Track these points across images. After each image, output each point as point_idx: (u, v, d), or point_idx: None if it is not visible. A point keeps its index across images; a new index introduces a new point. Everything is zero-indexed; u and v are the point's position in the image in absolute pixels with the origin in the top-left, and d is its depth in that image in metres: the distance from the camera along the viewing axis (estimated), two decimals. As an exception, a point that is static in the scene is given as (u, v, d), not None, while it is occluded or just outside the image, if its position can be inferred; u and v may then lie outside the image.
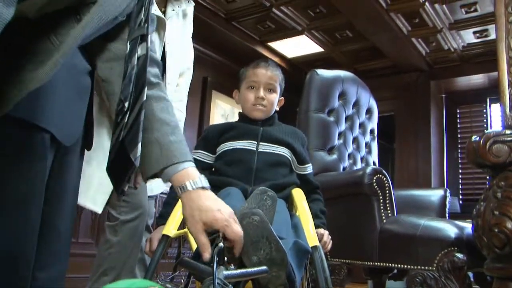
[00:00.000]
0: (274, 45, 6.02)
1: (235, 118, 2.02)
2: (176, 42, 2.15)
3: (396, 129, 6.49)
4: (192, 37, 2.34)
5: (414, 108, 6.32)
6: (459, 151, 6.28)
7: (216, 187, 1.71)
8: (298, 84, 5.74)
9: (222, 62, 6.08)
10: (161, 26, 2.04)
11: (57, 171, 1.39)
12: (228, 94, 6.09)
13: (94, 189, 1.91)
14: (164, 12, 2.12)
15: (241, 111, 1.96)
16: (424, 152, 6.13)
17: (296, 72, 6.51)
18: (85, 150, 1.56)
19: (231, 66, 6.12)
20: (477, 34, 5.46)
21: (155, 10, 2.00)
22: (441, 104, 6.49)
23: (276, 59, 6.21)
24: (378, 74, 6.42)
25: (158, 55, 2.01)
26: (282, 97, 1.97)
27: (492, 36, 5.39)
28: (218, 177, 1.74)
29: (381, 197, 2.15)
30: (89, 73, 1.48)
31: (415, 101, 6.33)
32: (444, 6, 4.89)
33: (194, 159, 1.81)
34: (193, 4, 2.28)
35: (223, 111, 6.16)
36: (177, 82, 2.22)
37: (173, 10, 2.15)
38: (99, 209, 1.92)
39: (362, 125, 2.80)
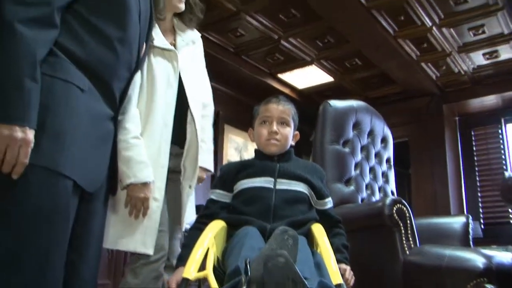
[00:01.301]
0: (284, 76, 6.05)
1: (249, 151, 2.03)
2: (190, 69, 2.19)
3: (411, 154, 6.42)
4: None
5: (427, 132, 6.27)
6: (477, 173, 6.19)
7: (234, 226, 1.69)
8: (310, 115, 5.75)
9: (233, 96, 6.10)
10: (173, 57, 2.09)
11: (83, 218, 1.38)
12: (241, 127, 6.12)
13: (140, 232, 1.91)
14: (174, 45, 2.16)
15: (256, 147, 1.94)
16: (441, 177, 6.04)
17: (307, 102, 6.50)
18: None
19: (242, 100, 6.15)
20: (487, 56, 5.44)
21: (164, 44, 2.07)
22: (455, 127, 6.43)
23: (286, 91, 6.23)
24: (389, 100, 6.40)
25: (174, 85, 2.08)
26: (297, 132, 1.95)
27: (502, 56, 5.38)
28: (236, 216, 1.72)
29: (402, 228, 2.10)
30: (112, 118, 1.48)
31: (428, 125, 6.29)
32: (451, 29, 4.88)
33: (211, 199, 1.81)
34: (198, 33, 2.33)
35: (236, 144, 6.15)
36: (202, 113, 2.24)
37: (183, 40, 2.20)
38: (151, 251, 1.90)
39: (378, 155, 2.76)
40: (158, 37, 2.09)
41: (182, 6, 2.16)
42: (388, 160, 2.85)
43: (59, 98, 1.24)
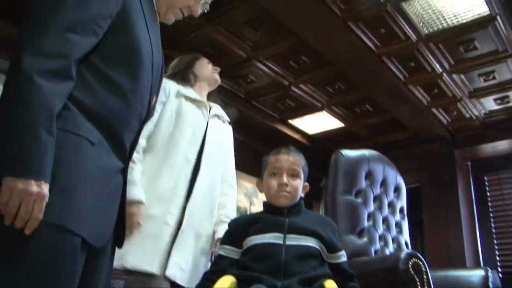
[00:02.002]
0: (295, 122, 6.05)
1: (258, 197, 2.02)
2: (216, 135, 2.38)
3: (423, 200, 6.31)
4: None
5: (439, 178, 6.18)
6: (492, 220, 6.05)
7: (244, 283, 1.63)
8: (321, 160, 5.73)
9: (243, 141, 6.08)
10: (203, 106, 2.35)
11: (89, 274, 1.35)
12: (251, 173, 6.08)
13: (148, 252, 2.01)
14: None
15: (265, 200, 1.90)
16: (455, 223, 5.91)
17: (318, 148, 6.49)
18: None
19: (252, 145, 6.13)
20: (498, 101, 5.41)
21: (196, 96, 2.34)
22: (468, 173, 6.33)
23: (297, 136, 6.22)
24: (400, 146, 6.34)
25: (202, 128, 2.25)
26: (307, 183, 1.92)
27: (514, 102, 5.36)
28: (246, 273, 1.66)
29: (418, 283, 2.02)
30: (121, 170, 1.46)
31: (440, 171, 6.21)
32: (462, 75, 4.88)
33: (220, 255, 1.77)
34: (230, 127, 2.59)
35: (246, 190, 6.10)
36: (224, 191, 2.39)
37: (214, 112, 2.43)
38: (156, 271, 1.99)
39: (391, 204, 2.71)
40: (189, 91, 2.22)
41: (218, 78, 2.35)
42: (401, 210, 2.79)
43: (69, 152, 1.22)
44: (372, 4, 3.72)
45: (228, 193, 2.40)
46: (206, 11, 1.75)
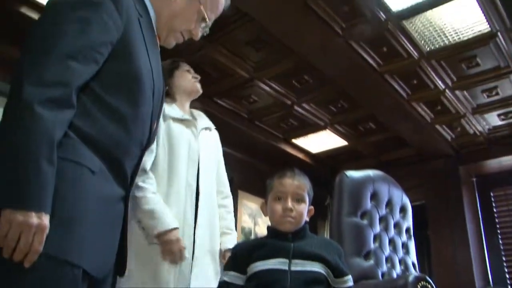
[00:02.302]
0: (298, 141, 6.04)
1: (262, 217, 1.99)
2: (207, 149, 2.33)
3: (429, 218, 6.26)
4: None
5: (445, 194, 6.15)
6: (499, 236, 5.99)
7: (249, 310, 1.61)
8: (325, 179, 5.71)
9: (247, 161, 6.08)
10: (192, 124, 2.30)
11: None
12: (255, 193, 6.06)
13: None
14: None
15: (269, 224, 1.88)
16: (462, 241, 5.85)
17: (321, 166, 6.48)
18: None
19: (256, 165, 6.12)
20: (502, 117, 5.40)
21: (182, 115, 2.29)
22: (473, 189, 6.29)
23: (300, 155, 6.21)
24: (404, 163, 6.33)
25: (195, 147, 2.23)
26: (312, 207, 1.89)
27: (518, 117, 5.34)
28: (252, 299, 1.63)
29: (427, 307, 1.99)
30: (123, 198, 1.44)
31: (445, 187, 6.17)
32: (465, 92, 4.88)
33: (224, 281, 1.74)
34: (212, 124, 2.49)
35: (250, 210, 6.07)
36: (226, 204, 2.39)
37: (203, 125, 2.39)
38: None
39: (397, 225, 2.67)
40: (175, 110, 2.18)
41: (199, 88, 2.33)
42: (407, 230, 2.75)
43: (69, 182, 1.19)
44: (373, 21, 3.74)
45: (225, 204, 2.39)
46: (205, 34, 1.75)
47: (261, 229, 6.11)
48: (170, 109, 2.25)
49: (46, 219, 1.09)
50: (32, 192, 1.07)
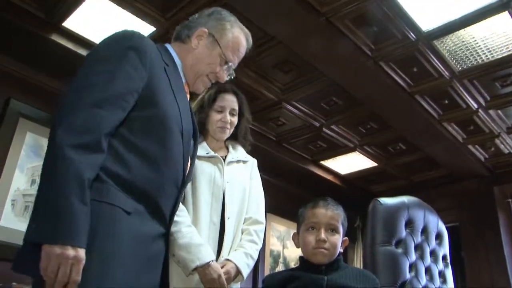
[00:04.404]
0: (327, 163, 5.97)
1: (291, 241, 1.94)
2: (236, 183, 2.25)
3: (463, 240, 6.07)
4: None
5: (479, 216, 5.96)
6: (538, 260, 5.77)
7: None
8: (354, 200, 5.61)
9: (275, 184, 6.02)
10: (218, 161, 2.24)
11: None
12: (283, 215, 5.99)
13: None
14: (224, 159, 2.29)
15: (301, 255, 1.82)
16: (498, 264, 5.65)
17: (350, 188, 6.38)
18: None
19: (284, 188, 6.06)
20: (538, 136, 5.24)
21: (207, 153, 2.25)
22: (509, 210, 6.09)
23: (329, 177, 6.13)
24: (436, 184, 6.19)
25: (220, 184, 2.19)
26: (346, 238, 1.82)
27: (554, 136, 5.18)
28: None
29: None
30: (162, 236, 1.50)
31: (479, 209, 5.99)
32: (499, 111, 4.75)
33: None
34: (252, 158, 2.47)
35: (278, 233, 6.00)
36: (249, 228, 2.24)
37: (232, 158, 2.33)
38: None
39: (433, 253, 2.56)
40: (201, 149, 2.17)
41: (220, 137, 2.33)
42: (444, 258, 2.64)
43: (105, 222, 1.28)
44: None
45: (248, 230, 2.23)
46: (232, 77, 1.85)
47: (290, 252, 6.02)
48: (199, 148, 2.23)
49: (81, 252, 1.18)
50: (67, 228, 1.17)
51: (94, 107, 1.30)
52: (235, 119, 2.37)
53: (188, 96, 1.73)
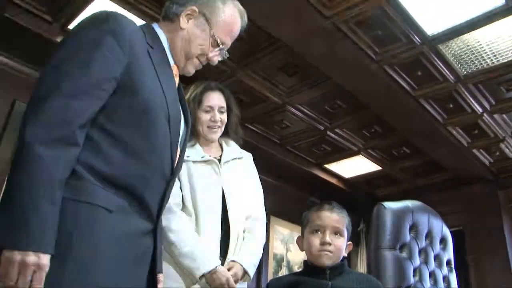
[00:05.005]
0: (331, 166, 5.96)
1: (294, 243, 1.92)
2: (233, 183, 2.22)
3: (467, 244, 6.04)
4: None
5: (483, 221, 5.94)
6: (543, 264, 5.74)
7: None
8: (357, 204, 5.60)
9: (279, 186, 6.02)
10: (213, 164, 2.19)
11: None
12: (287, 219, 5.99)
13: None
14: (219, 160, 2.24)
15: (305, 259, 1.81)
16: (504, 269, 5.63)
17: (354, 191, 6.38)
18: None
19: (288, 191, 6.06)
20: (544, 140, 5.22)
21: (202, 157, 2.19)
22: (514, 215, 6.08)
23: (333, 180, 6.12)
24: (440, 188, 6.17)
25: (218, 186, 2.14)
26: (350, 242, 1.82)
27: (560, 141, 5.16)
28: None
29: None
30: (150, 232, 1.41)
31: (484, 213, 5.97)
32: (504, 115, 4.74)
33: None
34: (249, 155, 2.41)
35: (282, 236, 5.99)
36: (251, 226, 2.21)
37: (227, 157, 2.27)
38: None
39: (437, 257, 2.55)
40: (195, 152, 2.14)
41: (212, 138, 2.26)
42: (448, 262, 2.63)
43: (83, 224, 1.19)
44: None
45: (250, 228, 2.21)
46: (225, 58, 1.71)
47: (293, 256, 6.01)
48: (191, 151, 2.19)
49: (45, 258, 1.10)
50: (30, 232, 1.08)
51: (66, 97, 1.20)
52: (224, 117, 2.29)
53: (177, 79, 1.61)
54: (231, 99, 2.37)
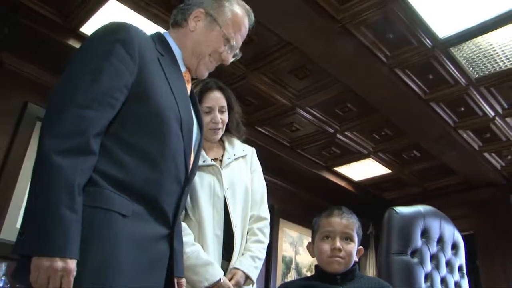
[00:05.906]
0: (340, 169, 5.94)
1: (303, 246, 1.90)
2: (237, 184, 2.19)
3: (478, 249, 6.00)
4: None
5: (495, 225, 5.89)
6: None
7: None
8: (367, 207, 5.57)
9: (288, 189, 6.01)
10: (216, 171, 2.16)
11: None
12: (296, 221, 5.98)
13: None
14: (221, 161, 2.22)
15: (317, 264, 1.80)
16: (515, 274, 5.59)
17: (364, 194, 6.35)
18: None
19: (298, 193, 6.05)
20: (556, 144, 5.16)
21: (204, 162, 2.15)
22: (525, 219, 6.02)
23: (342, 183, 6.10)
24: (450, 191, 6.14)
25: (221, 195, 2.11)
26: (361, 247, 1.81)
27: None
28: None
29: None
30: (166, 236, 1.42)
31: (495, 217, 5.92)
32: (516, 118, 4.70)
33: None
34: (249, 147, 2.37)
35: (291, 239, 5.97)
36: (253, 226, 2.18)
37: (229, 158, 2.23)
38: None
39: (449, 263, 2.53)
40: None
41: (213, 139, 2.23)
42: (460, 268, 2.61)
43: (99, 230, 1.23)
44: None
45: (253, 230, 2.18)
46: (237, 58, 1.74)
47: (302, 258, 6.00)
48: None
49: (71, 263, 1.15)
50: (55, 240, 1.13)
51: (80, 108, 1.24)
52: (225, 116, 2.25)
53: (189, 86, 1.64)
54: (232, 97, 2.34)
